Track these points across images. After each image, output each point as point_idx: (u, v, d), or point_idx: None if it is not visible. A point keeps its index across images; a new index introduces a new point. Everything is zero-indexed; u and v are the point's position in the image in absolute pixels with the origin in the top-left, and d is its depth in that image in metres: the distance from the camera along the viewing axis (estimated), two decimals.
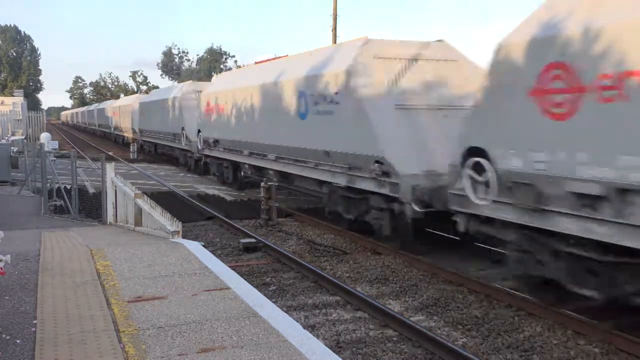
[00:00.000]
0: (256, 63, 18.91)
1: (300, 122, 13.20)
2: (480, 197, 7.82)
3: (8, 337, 4.71)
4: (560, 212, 6.60)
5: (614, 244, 6.05)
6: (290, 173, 14.12)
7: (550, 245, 7.00)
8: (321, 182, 12.62)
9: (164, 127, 28.33)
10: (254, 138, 16.17)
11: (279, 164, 14.50)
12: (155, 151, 33.72)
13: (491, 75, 7.67)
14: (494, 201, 7.57)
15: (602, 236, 6.14)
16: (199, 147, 21.85)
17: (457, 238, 10.19)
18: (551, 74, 6.64)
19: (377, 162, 10.17)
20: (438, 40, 11.86)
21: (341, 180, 11.49)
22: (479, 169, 7.79)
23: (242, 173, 18.56)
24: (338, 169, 11.58)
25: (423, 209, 9.37)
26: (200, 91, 23.76)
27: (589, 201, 6.24)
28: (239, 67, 76.21)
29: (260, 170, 16.67)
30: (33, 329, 4.88)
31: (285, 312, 5.85)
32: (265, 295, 6.31)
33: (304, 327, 5.37)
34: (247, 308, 5.44)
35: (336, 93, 11.43)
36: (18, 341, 4.62)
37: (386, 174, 10.01)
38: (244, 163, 17.59)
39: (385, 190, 10.13)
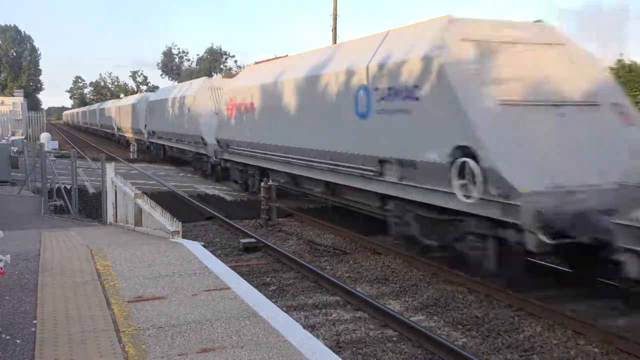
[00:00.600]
0: (256, 63, 18.68)
1: (358, 122, 10.77)
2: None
3: (8, 337, 4.70)
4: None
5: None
6: (343, 185, 11.72)
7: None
8: (387, 197, 10.32)
9: (176, 128, 25.88)
10: (290, 142, 13.65)
11: (326, 173, 12.08)
12: (163, 154, 30.51)
13: None
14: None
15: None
16: (218, 149, 19.58)
17: (570, 270, 8.49)
18: None
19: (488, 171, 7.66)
20: (537, 21, 9.78)
21: (438, 200, 8.76)
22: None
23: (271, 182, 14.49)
24: (429, 185, 8.89)
25: (554, 240, 6.97)
26: (219, 88, 22.11)
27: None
28: (239, 67, 76.14)
29: (295, 179, 14.33)
30: (33, 329, 4.88)
31: (285, 312, 5.85)
32: (266, 295, 6.31)
33: (304, 327, 5.37)
34: (247, 308, 5.44)
35: (415, 86, 9.14)
36: (18, 341, 4.62)
37: (500, 191, 7.53)
38: (277, 170, 14.87)
39: (494, 213, 7.67)
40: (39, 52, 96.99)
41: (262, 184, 13.52)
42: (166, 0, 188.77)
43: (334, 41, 28.42)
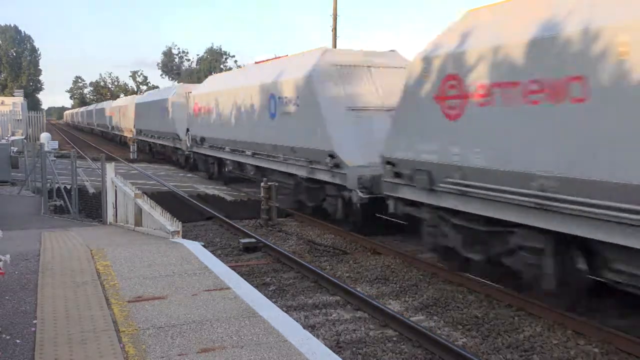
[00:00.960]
0: (256, 63, 19.24)
1: (270, 121, 14.98)
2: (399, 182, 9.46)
3: (8, 337, 4.71)
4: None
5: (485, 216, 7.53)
6: (265, 167, 15.61)
7: (447, 219, 8.49)
8: (289, 175, 14.12)
9: (158, 127, 29.83)
10: (234, 136, 17.87)
11: (255, 159, 16.23)
12: (149, 150, 34.24)
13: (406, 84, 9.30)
14: (407, 185, 9.21)
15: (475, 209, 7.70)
16: (188, 145, 23.62)
17: (405, 222, 11.01)
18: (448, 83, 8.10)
19: (330, 155, 11.79)
20: (391, 50, 13.95)
21: (303, 173, 13.16)
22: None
23: (226, 169, 20.21)
24: (301, 163, 13.19)
25: (366, 195, 10.89)
26: (190, 92, 24.96)
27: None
28: (239, 67, 76.33)
29: (240, 165, 18.19)
30: (33, 329, 4.88)
31: (285, 312, 5.84)
32: (265, 295, 6.30)
33: (304, 327, 5.37)
34: (247, 308, 5.44)
35: (298, 96, 13.26)
36: (18, 341, 4.62)
37: (337, 165, 11.64)
38: (227, 159, 19.34)
39: (337, 180, 11.77)
40: (38, 52, 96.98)
41: (262, 184, 13.61)
42: (166, 0, 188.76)
43: (334, 41, 28.44)
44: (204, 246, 8.48)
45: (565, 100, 6.36)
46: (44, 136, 28.84)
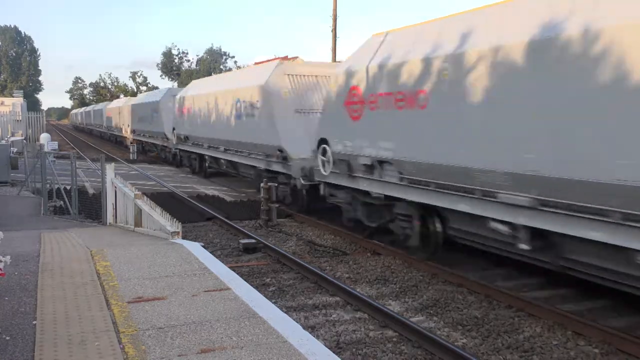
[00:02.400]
0: (256, 64, 19.56)
1: (237, 121, 17.75)
2: (326, 170, 11.78)
3: (8, 338, 4.70)
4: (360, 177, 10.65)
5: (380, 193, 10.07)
6: (235, 161, 18.36)
7: (357, 198, 11.08)
8: (252, 167, 16.85)
9: (150, 127, 32.76)
10: (211, 134, 20.50)
11: (227, 154, 18.95)
12: (142, 148, 36.41)
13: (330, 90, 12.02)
14: (332, 172, 11.53)
15: (375, 189, 10.24)
16: (174, 142, 26.38)
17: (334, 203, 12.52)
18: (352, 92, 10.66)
19: (279, 150, 14.48)
20: (338, 61, 16.21)
21: (262, 165, 15.79)
22: (325, 152, 11.79)
23: (207, 164, 22.58)
24: (260, 156, 15.88)
25: (307, 182, 13.23)
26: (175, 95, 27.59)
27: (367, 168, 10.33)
28: (238, 67, 76.36)
29: (216, 160, 20.72)
30: (33, 330, 4.88)
31: (285, 312, 5.84)
32: (265, 296, 6.30)
33: (304, 328, 5.36)
34: (247, 309, 5.44)
35: (257, 101, 15.96)
36: (18, 342, 4.61)
37: (285, 158, 14.26)
38: (205, 155, 21.97)
39: (286, 170, 14.30)
40: (38, 53, 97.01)
41: (262, 184, 13.66)
42: (166, 1, 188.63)
43: (334, 41, 28.45)
44: (203, 247, 8.47)
45: (415, 106, 8.93)
46: (44, 137, 28.85)
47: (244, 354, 4.38)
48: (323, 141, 11.81)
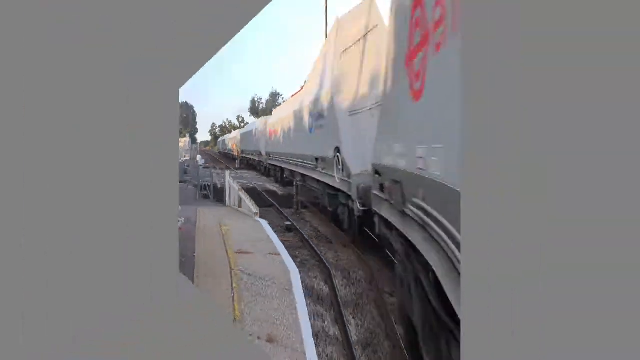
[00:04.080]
0: (292, 96, 25.19)
1: (309, 135, 16.57)
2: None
3: (183, 259, 11.19)
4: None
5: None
6: (305, 174, 17.60)
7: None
8: (319, 181, 14.95)
9: (251, 147, 44.59)
10: (287, 150, 22.61)
11: (300, 167, 18.46)
12: (247, 162, 49.95)
13: None
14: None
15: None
16: (264, 158, 33.54)
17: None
18: None
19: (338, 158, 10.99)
20: None
21: (326, 180, 13.43)
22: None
23: (285, 175, 26.07)
24: (324, 171, 13.49)
25: (362, 207, 9.44)
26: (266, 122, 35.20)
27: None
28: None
29: (292, 172, 21.64)
30: (193, 258, 11.36)
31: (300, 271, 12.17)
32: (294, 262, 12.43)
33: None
34: (286, 269, 11.30)
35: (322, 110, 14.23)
36: (188, 262, 10.88)
37: (349, 176, 10.46)
38: (284, 167, 25.12)
39: (345, 189, 10.72)
40: (196, 112, 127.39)
41: (295, 183, 20.48)
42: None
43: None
44: (269, 224, 14.81)
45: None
46: (198, 157, 45.41)
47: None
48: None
